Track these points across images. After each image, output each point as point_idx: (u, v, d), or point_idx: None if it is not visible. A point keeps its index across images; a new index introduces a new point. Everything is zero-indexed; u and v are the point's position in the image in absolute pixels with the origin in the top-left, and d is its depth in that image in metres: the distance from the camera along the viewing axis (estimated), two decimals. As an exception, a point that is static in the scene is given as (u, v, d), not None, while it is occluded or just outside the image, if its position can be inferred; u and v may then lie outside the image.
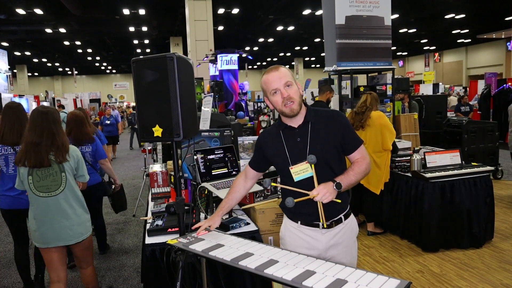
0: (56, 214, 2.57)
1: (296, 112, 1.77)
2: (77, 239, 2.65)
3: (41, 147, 2.51)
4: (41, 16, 14.80)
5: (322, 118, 1.84)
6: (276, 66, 1.80)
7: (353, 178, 1.78)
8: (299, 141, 1.82)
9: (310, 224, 1.85)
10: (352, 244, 1.92)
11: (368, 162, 1.85)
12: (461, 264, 3.61)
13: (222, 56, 15.26)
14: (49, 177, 2.55)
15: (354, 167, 1.81)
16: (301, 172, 1.78)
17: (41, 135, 2.53)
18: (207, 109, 3.81)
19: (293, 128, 1.84)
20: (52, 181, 2.56)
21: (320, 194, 1.68)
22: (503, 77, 18.16)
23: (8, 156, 3.11)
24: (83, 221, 2.69)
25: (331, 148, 1.80)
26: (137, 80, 1.97)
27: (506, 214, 4.96)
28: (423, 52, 30.57)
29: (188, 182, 2.79)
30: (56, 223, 2.57)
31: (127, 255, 4.30)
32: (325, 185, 1.71)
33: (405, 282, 1.31)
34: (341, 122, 1.83)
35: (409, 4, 14.81)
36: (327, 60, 5.44)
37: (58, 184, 2.58)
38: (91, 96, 23.34)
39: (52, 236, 2.58)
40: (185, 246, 1.76)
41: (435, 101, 7.80)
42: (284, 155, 1.84)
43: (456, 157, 4.09)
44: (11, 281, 3.79)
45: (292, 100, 1.75)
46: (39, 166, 2.51)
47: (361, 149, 1.86)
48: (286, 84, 1.75)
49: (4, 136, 3.08)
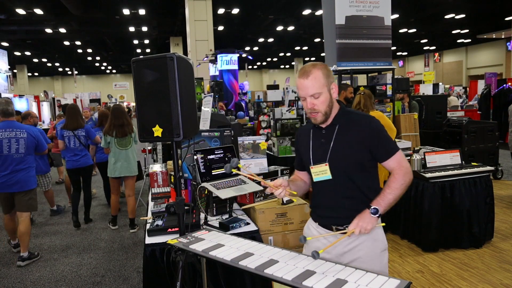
0: (126, 158, 4.88)
1: (320, 121, 1.77)
2: (134, 173, 5.01)
3: (124, 127, 4.86)
4: (41, 16, 14.80)
5: (352, 122, 1.79)
6: (308, 72, 1.71)
7: (390, 197, 1.70)
8: (323, 142, 1.81)
9: (327, 227, 1.85)
10: (376, 256, 1.80)
11: (405, 172, 1.74)
12: (461, 264, 3.61)
13: (222, 56, 15.28)
14: (125, 140, 4.89)
15: (390, 183, 1.74)
16: (320, 173, 1.80)
17: (122, 120, 4.85)
18: (207, 109, 3.81)
19: (321, 128, 1.84)
20: (127, 143, 4.91)
21: (357, 229, 1.65)
22: (503, 77, 18.17)
23: (69, 137, 5.17)
24: (134, 165, 5.00)
25: (353, 154, 1.75)
26: (137, 80, 1.97)
27: (506, 214, 4.96)
28: (423, 52, 30.57)
29: (188, 182, 2.79)
30: (128, 161, 4.91)
31: (127, 255, 4.30)
32: (361, 217, 1.67)
33: (405, 282, 1.31)
34: (371, 128, 1.76)
35: (409, 4, 14.81)
36: (327, 60, 5.44)
37: (129, 144, 4.94)
38: (91, 96, 23.30)
39: (121, 170, 4.87)
40: (185, 246, 1.76)
41: (435, 101, 7.80)
42: (308, 154, 1.86)
43: (456, 157, 4.09)
44: (11, 281, 3.79)
45: (316, 111, 1.74)
46: (123, 136, 4.85)
47: (396, 157, 1.76)
48: (314, 96, 1.72)
49: (68, 125, 5.16)
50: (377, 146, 1.75)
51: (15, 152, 4.01)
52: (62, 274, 3.88)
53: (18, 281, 3.77)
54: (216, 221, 2.54)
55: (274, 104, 13.51)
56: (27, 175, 4.09)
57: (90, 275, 3.82)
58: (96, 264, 4.09)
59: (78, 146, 5.21)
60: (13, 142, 4.00)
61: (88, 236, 4.97)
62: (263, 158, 2.96)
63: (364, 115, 1.85)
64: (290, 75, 28.18)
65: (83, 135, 5.25)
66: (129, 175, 4.93)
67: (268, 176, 2.90)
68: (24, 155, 4.06)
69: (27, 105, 12.76)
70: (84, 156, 5.26)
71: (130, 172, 4.91)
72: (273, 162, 5.58)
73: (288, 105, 11.53)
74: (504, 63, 24.30)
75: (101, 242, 4.74)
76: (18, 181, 4.02)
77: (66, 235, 5.04)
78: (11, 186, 4.01)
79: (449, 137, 6.53)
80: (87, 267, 4.03)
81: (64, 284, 3.67)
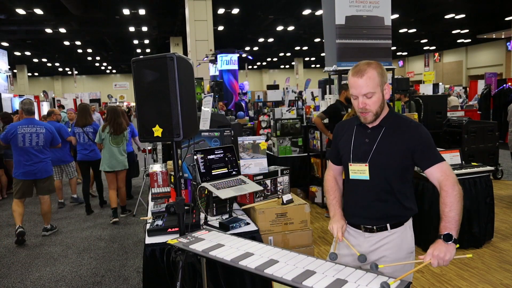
0: (117, 154, 5.42)
1: (370, 121, 1.75)
2: (125, 167, 5.57)
3: (119, 126, 5.37)
4: (41, 16, 14.80)
5: (399, 127, 1.75)
6: (362, 70, 1.69)
7: (456, 216, 1.58)
8: (366, 142, 1.79)
9: (355, 226, 1.85)
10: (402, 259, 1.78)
11: (453, 183, 1.64)
12: (461, 264, 3.61)
13: (222, 56, 15.28)
14: (118, 138, 5.41)
15: (444, 199, 1.63)
16: (358, 171, 1.79)
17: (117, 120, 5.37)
18: (207, 109, 3.81)
19: (366, 128, 1.81)
20: (120, 140, 5.43)
21: (434, 260, 1.50)
22: (503, 77, 18.17)
23: (79, 133, 5.81)
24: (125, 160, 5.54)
25: (395, 159, 1.72)
26: (137, 80, 1.97)
27: (506, 214, 4.96)
28: (423, 52, 30.57)
29: (188, 182, 2.79)
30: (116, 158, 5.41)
31: (127, 255, 4.30)
32: (433, 246, 1.53)
33: (405, 282, 1.31)
34: (420, 135, 1.71)
35: (409, 4, 14.81)
36: (327, 60, 5.44)
37: (121, 142, 5.45)
38: (91, 96, 23.32)
39: (114, 165, 5.40)
40: (185, 246, 1.76)
41: (435, 101, 7.79)
42: (348, 150, 1.84)
43: (456, 157, 4.09)
44: (11, 281, 3.79)
45: (367, 111, 1.72)
46: (117, 134, 5.38)
47: (441, 166, 1.69)
48: (366, 96, 1.69)
49: (77, 122, 5.87)
50: (423, 152, 1.71)
51: (35, 144, 4.73)
52: (62, 274, 3.88)
53: (18, 281, 3.78)
54: (216, 221, 2.53)
55: (274, 104, 13.52)
56: (46, 165, 4.85)
57: (90, 275, 3.82)
58: (96, 264, 4.09)
59: (87, 141, 5.83)
60: (33, 136, 4.72)
61: (88, 236, 4.98)
62: (263, 158, 2.96)
63: (413, 122, 1.79)
64: (290, 75, 28.23)
65: (91, 131, 5.86)
66: (121, 169, 5.52)
67: (268, 176, 2.90)
68: (42, 147, 4.79)
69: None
70: (92, 151, 5.87)
71: (122, 167, 5.53)
72: (273, 162, 5.58)
73: (288, 105, 11.54)
74: (504, 63, 24.30)
75: (101, 242, 4.74)
76: (40, 169, 4.77)
77: (67, 235, 5.04)
78: (35, 174, 4.74)
79: (449, 137, 6.53)
80: (87, 267, 4.03)
81: (64, 284, 3.67)
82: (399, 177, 1.75)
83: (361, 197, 1.82)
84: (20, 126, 4.71)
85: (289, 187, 3.05)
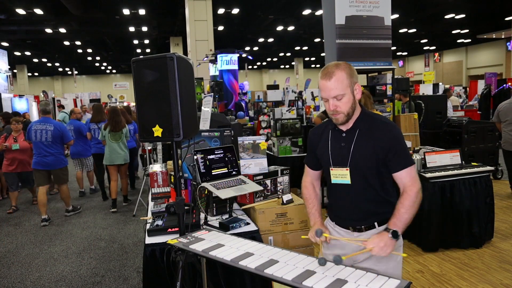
0: (117, 149, 5.96)
1: (342, 122, 1.75)
2: (126, 162, 6.11)
3: (117, 123, 5.93)
4: (41, 16, 14.79)
5: (373, 127, 1.77)
6: (331, 73, 1.68)
7: (406, 217, 1.67)
8: (343, 146, 1.80)
9: (343, 226, 1.87)
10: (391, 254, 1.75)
11: (418, 190, 1.71)
12: (461, 264, 3.61)
13: (222, 56, 15.26)
14: (117, 135, 5.95)
15: (404, 201, 1.70)
16: (339, 176, 1.80)
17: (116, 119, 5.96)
18: (207, 109, 3.81)
19: (341, 131, 1.82)
20: (118, 137, 5.96)
21: (376, 248, 1.61)
22: (503, 77, 18.18)
23: (95, 129, 6.63)
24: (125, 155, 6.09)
25: (372, 160, 1.74)
26: (137, 80, 1.97)
27: (506, 214, 4.96)
28: (423, 52, 30.56)
29: (188, 182, 2.79)
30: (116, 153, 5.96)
31: (127, 255, 4.30)
32: (380, 237, 1.64)
33: (405, 282, 1.31)
34: (393, 136, 1.73)
35: (409, 4, 14.81)
36: (327, 60, 5.44)
37: (120, 138, 5.99)
38: (91, 96, 23.29)
39: (114, 159, 5.95)
40: (185, 246, 1.76)
41: (435, 101, 7.79)
42: (327, 156, 1.85)
43: (456, 157, 4.09)
44: (11, 281, 3.79)
45: (338, 113, 1.72)
46: (116, 131, 5.92)
47: (410, 171, 1.73)
48: (336, 98, 1.70)
49: (93, 118, 6.71)
50: (395, 154, 1.72)
51: (44, 140, 5.42)
52: (62, 274, 3.88)
53: (18, 281, 3.78)
54: (216, 221, 2.53)
55: (274, 104, 13.51)
56: (56, 158, 5.52)
57: (90, 275, 3.82)
58: (96, 264, 4.09)
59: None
60: (43, 132, 5.44)
61: (88, 236, 4.98)
62: (263, 158, 2.96)
63: (386, 121, 1.81)
64: (290, 75, 28.20)
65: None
66: (120, 163, 6.05)
67: (268, 176, 2.90)
68: (51, 142, 5.45)
69: (27, 105, 12.75)
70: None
71: (122, 161, 6.06)
72: (273, 162, 5.57)
73: (288, 105, 11.54)
74: (504, 63, 24.30)
75: (101, 242, 4.74)
76: (50, 161, 5.47)
77: (67, 235, 5.04)
78: (47, 165, 5.46)
79: (449, 137, 6.53)
80: (87, 267, 4.03)
81: (64, 284, 3.67)
82: (379, 175, 1.78)
83: (346, 201, 1.84)
84: (35, 123, 5.55)
85: (289, 187, 3.05)
